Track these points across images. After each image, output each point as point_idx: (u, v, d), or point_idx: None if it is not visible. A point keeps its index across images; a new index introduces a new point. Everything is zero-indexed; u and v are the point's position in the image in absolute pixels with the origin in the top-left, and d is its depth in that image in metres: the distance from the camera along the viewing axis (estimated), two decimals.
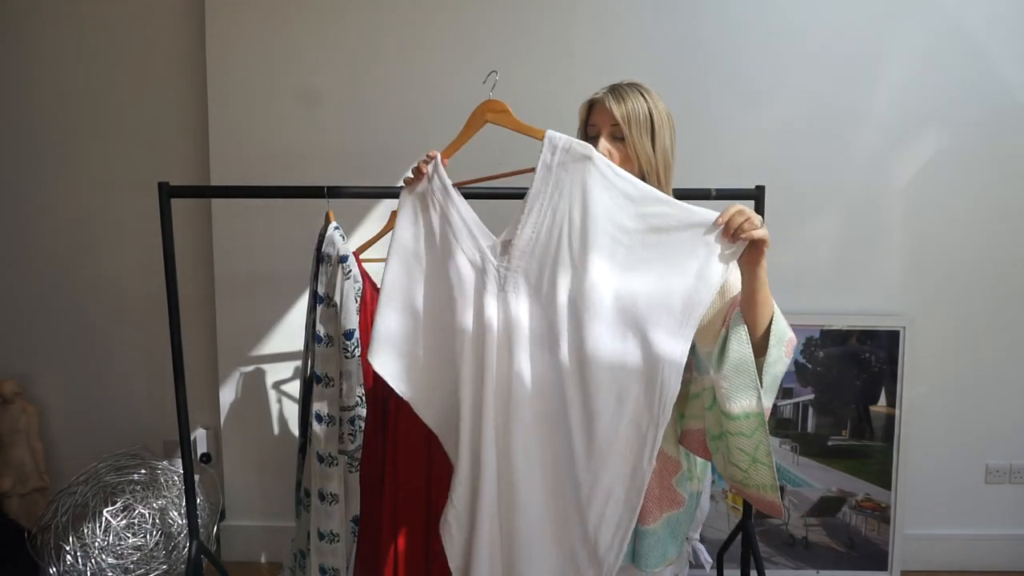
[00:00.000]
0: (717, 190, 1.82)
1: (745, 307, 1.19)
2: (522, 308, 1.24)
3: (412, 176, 1.33)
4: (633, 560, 1.39)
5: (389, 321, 1.30)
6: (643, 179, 1.33)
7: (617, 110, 1.31)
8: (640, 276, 1.17)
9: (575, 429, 1.22)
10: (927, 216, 2.29)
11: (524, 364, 1.22)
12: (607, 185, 1.21)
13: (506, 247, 1.25)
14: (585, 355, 1.18)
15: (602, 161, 1.22)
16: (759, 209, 1.85)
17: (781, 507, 1.22)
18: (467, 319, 1.25)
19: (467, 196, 1.34)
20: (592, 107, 1.38)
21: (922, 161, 2.28)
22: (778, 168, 2.25)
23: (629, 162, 1.34)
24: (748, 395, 1.16)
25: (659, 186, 1.35)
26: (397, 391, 1.33)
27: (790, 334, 1.23)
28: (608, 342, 1.18)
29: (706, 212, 1.17)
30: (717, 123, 2.26)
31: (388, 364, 1.31)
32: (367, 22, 2.25)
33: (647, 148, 1.32)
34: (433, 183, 1.30)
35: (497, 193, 1.68)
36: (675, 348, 1.15)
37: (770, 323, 1.19)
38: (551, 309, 1.21)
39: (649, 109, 1.33)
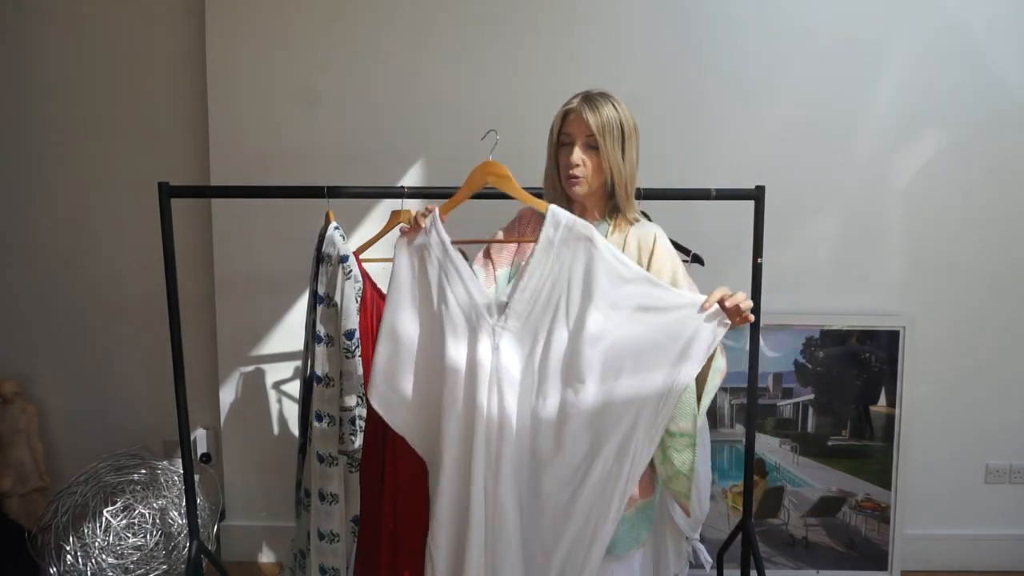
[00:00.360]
0: (717, 190, 1.82)
1: None
2: (513, 367, 1.31)
3: (408, 227, 1.37)
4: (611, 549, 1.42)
5: (385, 363, 1.37)
6: (612, 189, 1.43)
7: (592, 120, 1.36)
8: (628, 353, 1.27)
9: (546, 490, 1.32)
10: (927, 216, 2.29)
11: (511, 421, 1.31)
12: (606, 267, 1.29)
13: (502, 308, 1.32)
14: (567, 416, 1.29)
15: (602, 242, 1.30)
16: (759, 209, 1.85)
17: (690, 511, 1.42)
18: (460, 373, 1.31)
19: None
20: (566, 117, 1.41)
21: (922, 161, 2.28)
22: (778, 168, 2.25)
23: (600, 172, 1.39)
24: (687, 419, 1.31)
25: (625, 197, 1.43)
26: (392, 427, 1.41)
27: (724, 365, 1.37)
28: (587, 410, 1.28)
29: (691, 296, 1.28)
30: (717, 123, 2.26)
31: (385, 405, 1.39)
32: (367, 22, 2.25)
33: (618, 158, 1.38)
34: (431, 237, 1.33)
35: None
36: (652, 424, 1.28)
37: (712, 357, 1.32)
38: (542, 371, 1.30)
39: (620, 120, 1.39)
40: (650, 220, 1.57)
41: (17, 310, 2.50)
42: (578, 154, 1.38)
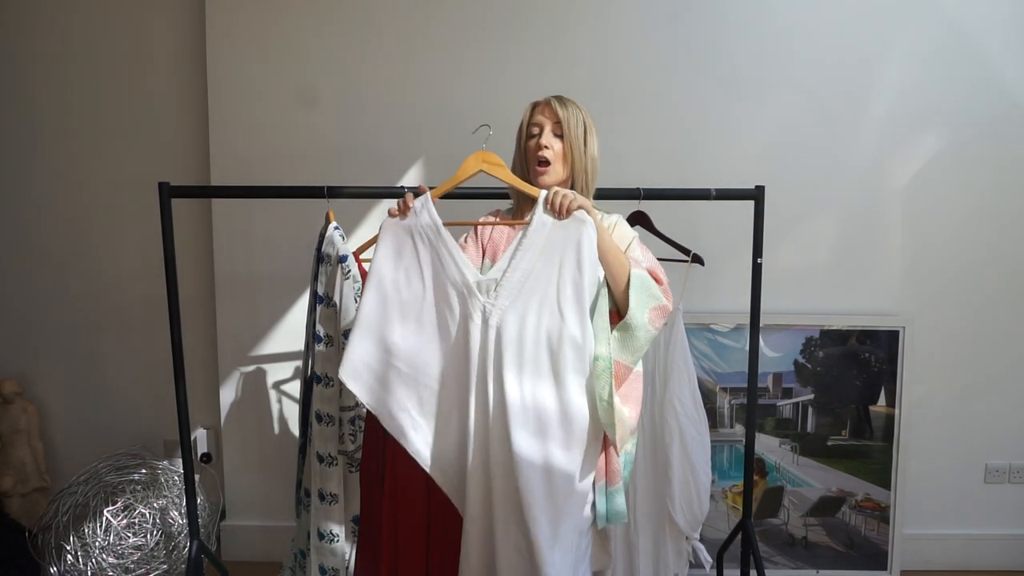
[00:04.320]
0: (717, 190, 1.82)
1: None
2: (505, 340, 1.36)
3: (398, 209, 1.41)
4: (609, 519, 1.47)
5: (363, 347, 1.38)
6: (572, 177, 1.51)
7: (560, 111, 1.50)
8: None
9: (540, 475, 1.36)
10: (927, 217, 2.29)
11: (504, 389, 1.35)
12: (592, 247, 1.37)
13: (493, 286, 1.37)
14: (564, 382, 1.35)
15: (592, 227, 1.37)
16: (759, 209, 1.85)
17: (617, 446, 1.43)
18: (450, 348, 1.38)
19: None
20: (535, 108, 1.54)
21: (922, 162, 2.28)
22: (778, 168, 2.25)
23: (565, 161, 1.50)
24: (603, 343, 1.37)
25: (585, 187, 1.53)
26: (367, 406, 1.42)
27: (659, 302, 1.41)
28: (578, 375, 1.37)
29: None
30: (717, 123, 2.26)
31: (363, 386, 1.40)
32: (367, 22, 2.25)
33: (580, 146, 1.50)
34: (421, 218, 1.38)
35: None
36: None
37: (628, 285, 1.39)
38: (536, 345, 1.36)
39: (583, 117, 1.51)
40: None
41: (17, 310, 2.50)
42: (548, 136, 1.49)
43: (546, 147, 1.48)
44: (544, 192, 1.40)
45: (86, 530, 2.12)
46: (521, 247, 1.37)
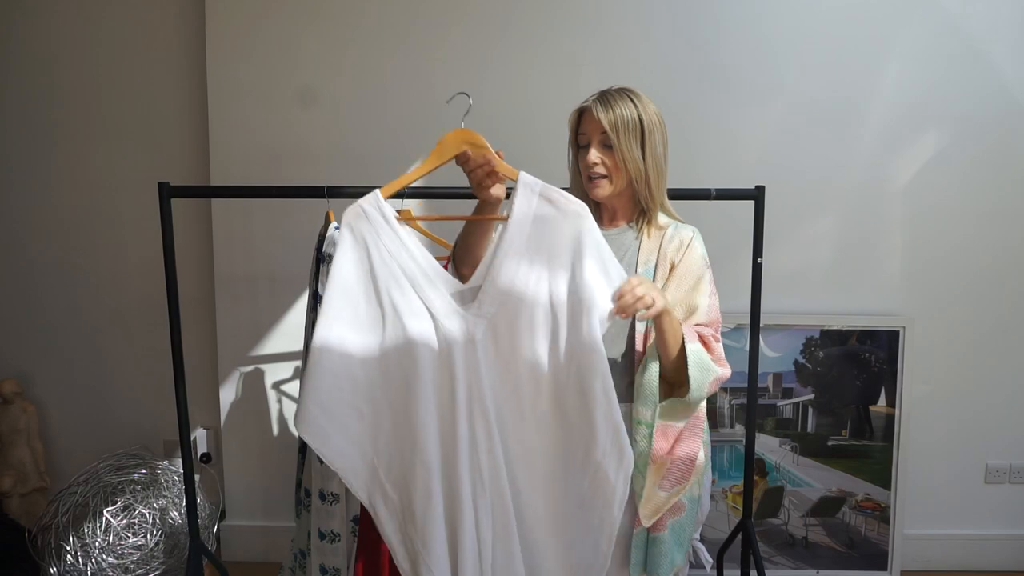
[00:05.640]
0: (717, 190, 1.82)
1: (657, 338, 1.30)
2: (494, 357, 1.18)
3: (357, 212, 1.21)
4: (646, 569, 1.40)
5: (324, 383, 1.16)
6: (633, 187, 1.39)
7: (605, 118, 1.32)
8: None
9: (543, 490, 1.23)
10: (927, 216, 2.29)
11: (492, 421, 1.19)
12: (595, 242, 1.20)
13: (475, 293, 1.18)
14: (567, 407, 1.19)
15: (592, 223, 1.21)
16: (759, 209, 1.85)
17: (637, 507, 1.35)
18: (428, 372, 1.16)
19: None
20: (581, 115, 1.39)
21: (922, 161, 2.28)
22: (778, 168, 2.25)
23: (619, 170, 1.36)
24: (646, 406, 1.32)
25: (649, 194, 1.39)
26: (323, 458, 1.19)
27: (715, 375, 1.33)
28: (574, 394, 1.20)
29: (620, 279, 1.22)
30: (717, 123, 2.26)
31: (320, 431, 1.16)
32: (368, 22, 2.25)
33: (636, 155, 1.34)
34: (374, 222, 1.16)
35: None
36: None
37: (685, 362, 1.28)
38: (532, 362, 1.18)
39: (639, 114, 1.34)
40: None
41: (17, 310, 2.50)
42: (595, 154, 1.35)
43: (595, 163, 1.35)
44: (523, 176, 1.20)
45: (86, 530, 2.12)
46: (501, 244, 1.18)
